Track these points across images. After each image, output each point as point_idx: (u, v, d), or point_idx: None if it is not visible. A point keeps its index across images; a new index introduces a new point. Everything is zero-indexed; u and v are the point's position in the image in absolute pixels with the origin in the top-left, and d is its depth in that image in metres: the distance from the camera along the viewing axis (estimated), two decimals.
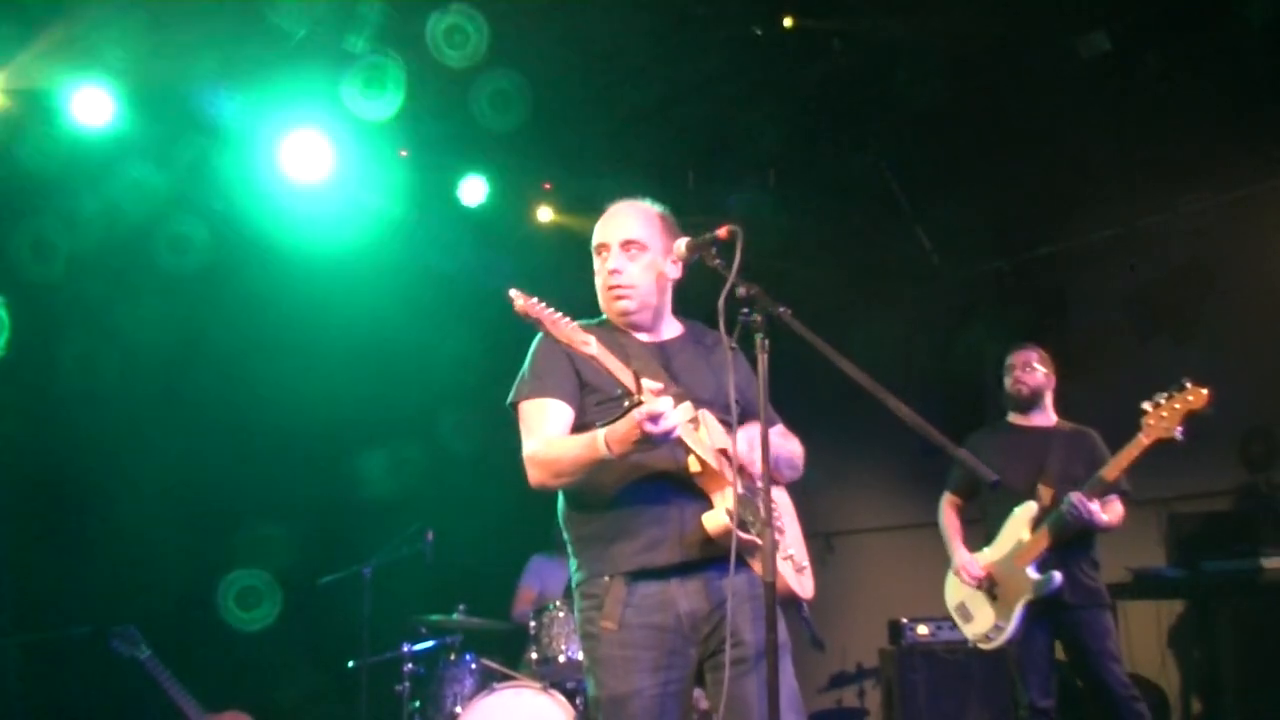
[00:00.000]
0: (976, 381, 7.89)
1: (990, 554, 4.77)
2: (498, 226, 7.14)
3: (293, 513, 6.47)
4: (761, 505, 2.45)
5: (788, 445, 3.02)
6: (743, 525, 2.60)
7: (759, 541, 2.45)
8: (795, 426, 3.11)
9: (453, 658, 5.61)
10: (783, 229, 6.98)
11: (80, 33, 5.25)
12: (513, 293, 2.52)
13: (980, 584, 4.76)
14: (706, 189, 6.91)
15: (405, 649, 5.61)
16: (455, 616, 5.64)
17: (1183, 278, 6.54)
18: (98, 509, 5.97)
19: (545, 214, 7.13)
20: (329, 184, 6.29)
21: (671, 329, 3.00)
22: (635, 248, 2.88)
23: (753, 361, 2.57)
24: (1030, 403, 4.87)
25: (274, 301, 6.42)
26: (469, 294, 7.04)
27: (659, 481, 2.71)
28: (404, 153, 6.52)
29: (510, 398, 2.89)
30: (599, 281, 2.95)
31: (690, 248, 2.73)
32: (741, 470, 2.71)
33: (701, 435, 2.66)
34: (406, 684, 5.56)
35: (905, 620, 6.59)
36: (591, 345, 2.54)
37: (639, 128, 6.62)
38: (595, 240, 2.95)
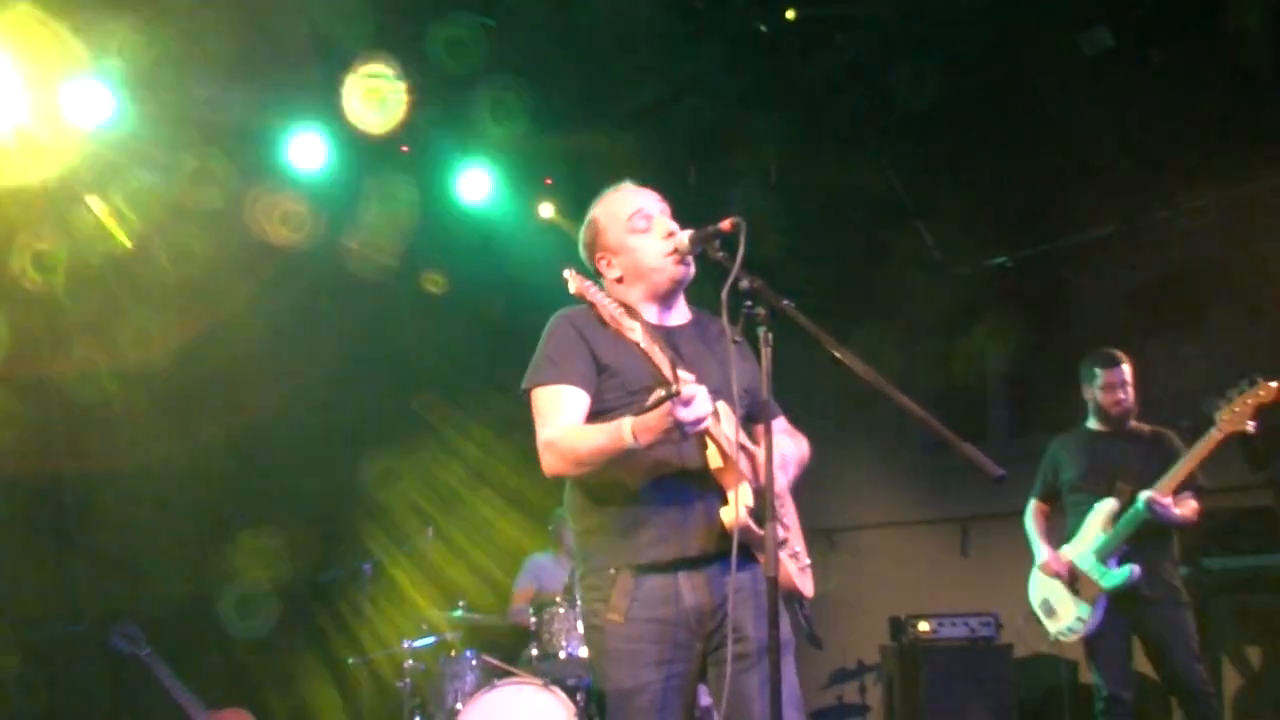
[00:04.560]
0: (978, 377, 7.89)
1: (1071, 550, 4.96)
2: (498, 225, 7.14)
3: (293, 510, 6.47)
4: (768, 501, 2.45)
5: (797, 448, 2.99)
6: (758, 521, 2.60)
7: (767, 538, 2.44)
8: (797, 421, 3.10)
9: (453, 654, 5.61)
10: (784, 225, 6.96)
11: (80, 31, 5.25)
12: (567, 273, 2.50)
13: (1063, 577, 4.95)
14: (708, 186, 6.90)
15: (406, 645, 5.60)
16: (456, 613, 5.63)
17: (1184, 275, 6.54)
18: (99, 510, 5.96)
19: (546, 211, 7.13)
20: (329, 183, 6.28)
21: (682, 314, 2.94)
22: (668, 213, 2.85)
23: (757, 355, 2.56)
24: (1124, 420, 5.04)
25: (274, 302, 6.41)
26: (468, 293, 7.05)
27: (675, 477, 2.68)
28: (405, 149, 6.51)
29: (524, 383, 2.81)
30: (646, 255, 2.81)
31: (694, 240, 2.70)
32: (754, 466, 2.70)
33: (724, 427, 2.64)
34: (407, 680, 5.55)
35: (906, 616, 6.59)
36: (637, 331, 2.49)
37: (640, 124, 6.61)
38: (630, 209, 2.83)
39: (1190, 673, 4.70)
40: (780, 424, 3.00)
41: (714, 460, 2.62)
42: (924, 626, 6.53)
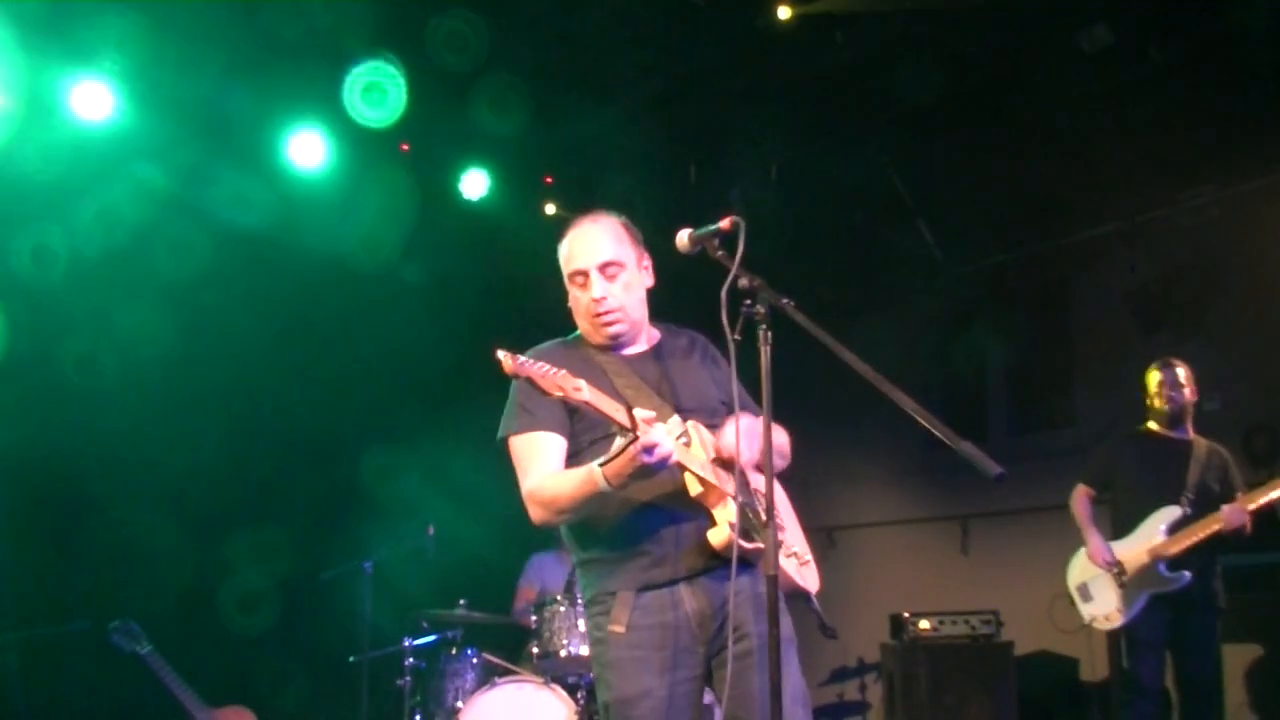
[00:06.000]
0: (978, 375, 7.89)
1: (1124, 545, 5.13)
2: (499, 223, 7.13)
3: (294, 507, 6.47)
4: (762, 500, 2.45)
5: (775, 436, 3.00)
6: (746, 535, 2.60)
7: (764, 547, 2.44)
8: (797, 420, 3.09)
9: (454, 652, 5.60)
10: (784, 224, 6.96)
11: (80, 28, 5.25)
12: (500, 354, 2.48)
13: (1112, 569, 5.09)
14: (708, 184, 6.89)
15: (406, 643, 5.60)
16: (456, 611, 5.63)
17: (1185, 273, 6.54)
18: (99, 508, 5.96)
19: (549, 210, 7.13)
20: (329, 181, 6.27)
21: (648, 338, 2.97)
22: (614, 268, 2.83)
23: (755, 354, 2.56)
24: (1178, 418, 5.20)
25: (274, 299, 6.41)
26: (471, 290, 7.04)
27: (655, 507, 2.71)
28: (405, 146, 6.51)
29: (500, 433, 2.86)
30: (580, 308, 2.88)
31: (693, 239, 2.69)
32: (741, 479, 2.70)
33: (695, 451, 2.65)
34: (408, 678, 5.55)
35: (907, 614, 6.59)
36: (584, 390, 2.47)
37: (640, 122, 6.60)
38: (571, 267, 2.86)
39: (1204, 674, 4.98)
40: (747, 420, 2.92)
41: (693, 488, 2.63)
42: (924, 624, 6.53)
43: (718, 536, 2.63)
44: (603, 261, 2.83)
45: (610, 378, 2.77)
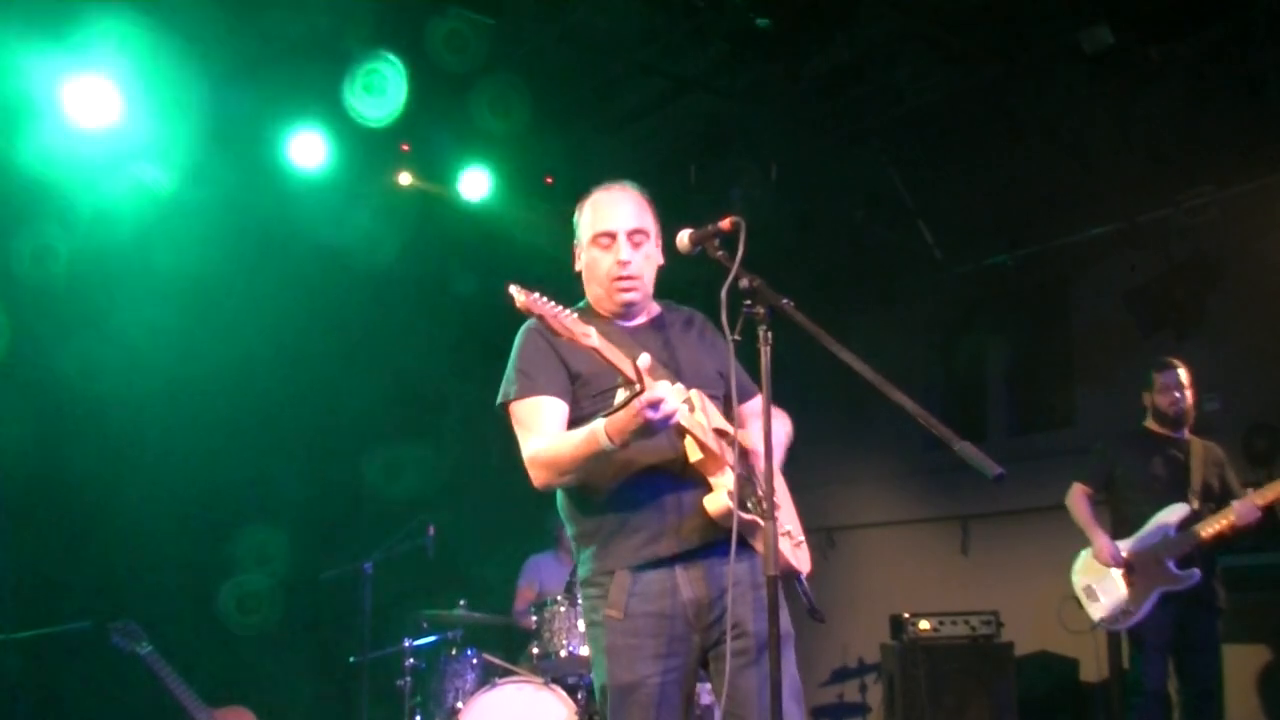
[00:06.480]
0: (978, 375, 7.89)
1: (1132, 544, 5.11)
2: (499, 223, 7.13)
3: (294, 508, 6.48)
4: (763, 490, 2.45)
5: (780, 426, 3.00)
6: (743, 506, 2.60)
7: (760, 521, 2.44)
8: (796, 420, 3.10)
9: (454, 653, 5.60)
10: (784, 224, 6.96)
11: (80, 28, 5.26)
12: (512, 289, 2.47)
13: (1123, 568, 5.07)
14: (708, 184, 6.89)
15: (406, 644, 5.60)
16: (456, 611, 5.63)
17: (1185, 272, 6.53)
18: (100, 508, 5.97)
19: (545, 211, 7.12)
20: (328, 181, 6.27)
21: (649, 311, 2.97)
22: (640, 235, 2.85)
23: (755, 354, 2.56)
24: (1180, 420, 5.22)
25: (274, 299, 6.41)
26: (470, 290, 7.04)
27: (656, 473, 2.70)
28: (405, 146, 6.51)
29: (500, 398, 2.84)
30: (598, 271, 2.86)
31: (693, 239, 2.69)
32: (740, 451, 2.70)
33: (698, 417, 2.64)
34: (408, 679, 5.55)
35: (907, 615, 6.59)
36: (592, 336, 2.48)
37: (640, 122, 6.60)
38: (597, 228, 2.85)
39: (1207, 674, 4.98)
40: (755, 405, 2.95)
41: (693, 453, 2.63)
42: (925, 625, 6.53)
43: (714, 504, 2.62)
44: (632, 228, 2.84)
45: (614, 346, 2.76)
